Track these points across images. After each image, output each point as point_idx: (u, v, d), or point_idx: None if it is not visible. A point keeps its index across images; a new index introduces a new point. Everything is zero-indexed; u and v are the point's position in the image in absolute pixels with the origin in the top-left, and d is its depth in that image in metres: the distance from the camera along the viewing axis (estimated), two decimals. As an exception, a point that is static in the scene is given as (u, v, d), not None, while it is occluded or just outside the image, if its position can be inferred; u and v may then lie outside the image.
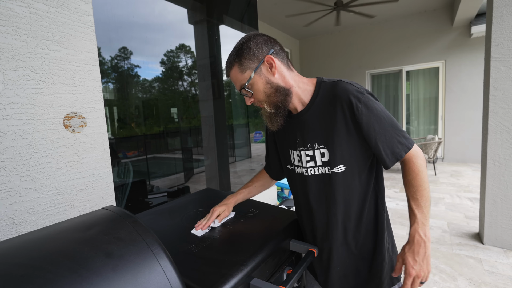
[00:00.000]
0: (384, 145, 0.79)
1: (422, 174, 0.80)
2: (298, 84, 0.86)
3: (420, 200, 0.80)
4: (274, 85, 0.82)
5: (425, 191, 0.80)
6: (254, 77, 0.82)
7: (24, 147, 0.98)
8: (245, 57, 0.81)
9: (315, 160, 0.86)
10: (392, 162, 0.81)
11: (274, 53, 0.82)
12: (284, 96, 0.83)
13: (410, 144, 0.81)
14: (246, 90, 0.84)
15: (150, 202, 2.13)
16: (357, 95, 0.78)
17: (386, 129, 0.79)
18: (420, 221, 0.79)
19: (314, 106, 0.85)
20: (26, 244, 0.55)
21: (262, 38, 0.83)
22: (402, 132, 0.81)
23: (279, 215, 1.07)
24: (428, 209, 0.80)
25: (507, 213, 2.38)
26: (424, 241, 0.78)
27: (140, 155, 2.18)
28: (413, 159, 0.81)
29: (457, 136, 5.80)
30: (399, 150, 0.80)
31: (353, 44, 6.65)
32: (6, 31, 0.93)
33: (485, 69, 2.47)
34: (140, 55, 2.04)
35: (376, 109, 0.79)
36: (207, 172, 2.72)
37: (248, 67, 0.81)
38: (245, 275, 0.72)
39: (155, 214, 1.14)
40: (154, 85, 2.24)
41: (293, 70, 0.87)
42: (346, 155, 0.83)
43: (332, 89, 0.82)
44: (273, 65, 0.81)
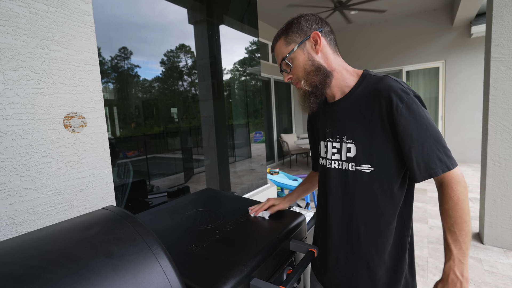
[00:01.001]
0: (418, 156, 0.71)
1: (462, 204, 0.70)
2: (342, 70, 0.82)
3: (458, 234, 0.70)
4: (315, 63, 0.79)
5: (465, 223, 0.70)
6: (297, 50, 0.80)
7: (24, 147, 0.98)
8: (293, 30, 0.80)
9: (341, 153, 0.82)
10: (423, 178, 0.72)
11: (322, 32, 0.80)
12: (324, 77, 0.79)
13: (451, 165, 0.71)
14: (286, 62, 0.81)
15: (150, 202, 2.13)
16: (401, 94, 0.71)
17: (426, 139, 0.70)
18: (457, 259, 0.70)
19: (352, 97, 0.80)
20: (26, 244, 0.55)
21: (314, 17, 0.82)
22: (446, 149, 0.71)
23: (279, 215, 1.07)
24: (467, 245, 0.71)
25: (507, 213, 2.38)
26: (461, 281, 0.70)
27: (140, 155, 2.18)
28: (453, 184, 0.71)
29: (457, 136, 5.81)
30: (436, 167, 0.70)
31: (353, 44, 6.65)
32: (6, 31, 0.93)
33: (485, 69, 2.47)
34: (140, 55, 2.04)
35: (420, 114, 0.71)
36: (207, 172, 2.72)
37: (293, 40, 0.80)
38: (245, 275, 0.72)
39: (155, 214, 1.14)
40: (154, 85, 2.24)
41: (339, 56, 0.84)
42: (375, 156, 0.76)
43: (376, 83, 0.76)
44: (318, 42, 0.78)
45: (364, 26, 6.42)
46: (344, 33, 6.72)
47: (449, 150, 0.72)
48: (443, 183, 0.73)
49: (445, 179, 0.72)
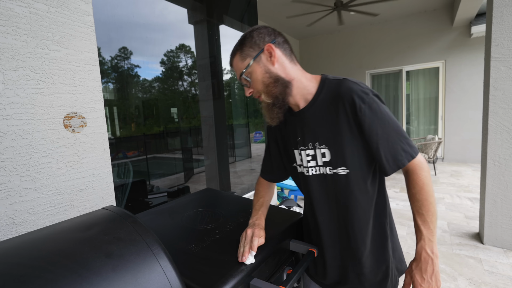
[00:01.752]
0: (385, 151, 0.75)
1: (427, 187, 0.76)
2: (301, 78, 0.83)
3: (426, 216, 0.76)
4: (273, 74, 0.80)
5: (431, 205, 0.76)
6: (253, 65, 0.80)
7: (24, 147, 0.98)
8: (246, 45, 0.81)
9: (316, 159, 0.84)
10: (393, 170, 0.77)
11: (276, 43, 0.81)
12: (283, 87, 0.80)
13: (414, 153, 0.76)
14: (245, 78, 0.82)
15: (150, 202, 2.13)
16: (361, 95, 0.75)
17: (390, 134, 0.75)
18: (426, 238, 0.76)
19: (316, 104, 0.82)
20: (26, 244, 0.55)
21: (266, 29, 0.82)
22: (407, 140, 0.77)
23: (279, 215, 1.07)
24: (434, 224, 0.77)
25: (507, 213, 2.38)
26: (432, 258, 0.75)
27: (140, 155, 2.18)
28: (418, 171, 0.77)
29: (457, 136, 5.81)
30: (402, 158, 0.75)
31: (353, 44, 6.65)
32: (6, 31, 0.93)
33: (485, 69, 2.47)
34: (140, 55, 2.04)
35: (381, 112, 0.75)
36: (207, 172, 2.72)
37: (248, 55, 0.81)
38: (245, 275, 0.72)
39: (155, 214, 1.14)
40: (154, 85, 2.24)
41: (296, 64, 0.85)
42: (348, 157, 0.79)
43: (336, 87, 0.79)
44: (273, 54, 0.79)
45: (364, 26, 6.43)
46: (344, 33, 6.72)
47: (410, 139, 0.77)
48: (408, 171, 0.78)
49: (410, 166, 0.77)
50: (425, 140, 5.62)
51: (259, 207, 0.96)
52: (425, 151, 5.17)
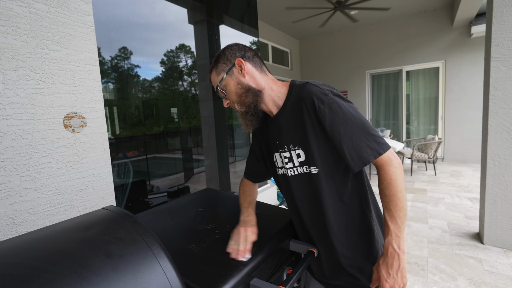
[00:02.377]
0: (350, 148, 0.77)
1: (395, 183, 0.77)
2: (271, 87, 0.90)
3: (393, 211, 0.77)
4: (244, 85, 0.87)
5: (399, 201, 0.77)
6: (226, 78, 0.88)
7: (24, 147, 0.98)
8: (220, 61, 0.90)
9: (292, 161, 0.89)
10: (359, 166, 0.79)
11: (246, 57, 0.89)
12: (254, 96, 0.87)
13: (382, 150, 0.77)
14: (220, 90, 0.90)
15: (150, 202, 2.13)
16: (320, 97, 0.78)
17: (353, 132, 0.77)
18: (394, 233, 0.77)
19: (286, 109, 0.87)
20: (26, 244, 0.55)
21: (237, 46, 0.91)
22: (374, 136, 0.78)
23: (279, 215, 1.07)
24: (403, 220, 0.77)
25: (507, 213, 2.38)
26: (398, 253, 0.76)
27: (140, 155, 2.18)
28: (385, 167, 0.78)
29: (457, 136, 5.81)
30: (367, 155, 0.77)
31: (353, 44, 6.65)
32: (6, 31, 0.93)
33: (485, 69, 2.47)
34: (140, 55, 2.04)
35: (342, 111, 0.78)
36: (207, 172, 2.72)
37: (222, 70, 0.89)
38: (245, 275, 0.72)
39: (155, 214, 1.14)
40: (154, 85, 2.24)
41: (267, 74, 0.92)
42: (317, 157, 0.83)
43: (300, 91, 0.84)
44: (243, 67, 0.87)
45: (364, 26, 6.42)
46: (344, 33, 6.72)
47: (378, 136, 0.79)
48: (378, 167, 0.80)
49: (379, 163, 0.79)
50: (425, 140, 5.62)
51: (248, 204, 1.02)
52: (425, 151, 5.17)
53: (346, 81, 6.82)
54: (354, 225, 0.89)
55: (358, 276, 0.90)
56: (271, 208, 1.15)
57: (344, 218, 0.88)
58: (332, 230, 0.88)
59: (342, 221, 0.88)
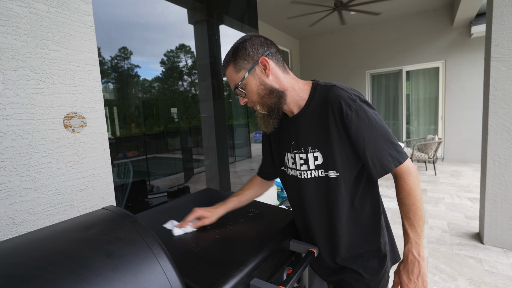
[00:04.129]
0: (373, 156, 0.77)
1: (414, 192, 0.78)
2: (294, 87, 0.85)
3: (413, 220, 0.79)
4: (268, 86, 0.82)
5: (418, 209, 0.79)
6: (248, 77, 0.82)
7: (24, 147, 0.98)
8: (240, 57, 0.81)
9: (308, 163, 0.86)
10: (380, 174, 0.79)
11: (269, 55, 0.82)
12: (278, 98, 0.82)
13: (402, 159, 0.78)
14: (240, 90, 0.84)
15: (150, 202, 2.13)
16: (349, 102, 0.77)
17: (377, 140, 0.77)
18: (413, 241, 0.79)
19: (309, 110, 0.84)
20: (26, 244, 0.55)
21: (258, 39, 0.83)
22: (396, 145, 0.78)
23: (279, 215, 1.07)
24: (421, 228, 0.79)
25: (507, 213, 2.38)
26: (418, 260, 0.79)
27: (140, 155, 2.18)
28: (405, 176, 0.79)
29: (457, 136, 5.80)
30: (389, 163, 0.77)
31: (353, 44, 6.65)
32: (6, 31, 0.93)
33: (485, 69, 2.47)
34: (140, 55, 2.04)
35: (368, 118, 0.77)
36: (207, 172, 2.72)
37: (243, 67, 0.82)
38: (245, 275, 0.72)
39: (155, 214, 1.14)
40: (154, 85, 2.24)
41: (289, 72, 0.87)
42: (338, 161, 0.82)
43: (326, 93, 0.81)
44: (267, 67, 0.81)
45: (364, 26, 6.42)
46: (344, 33, 6.72)
47: (398, 145, 0.79)
48: (397, 176, 0.80)
49: (398, 172, 0.79)
50: (425, 140, 5.62)
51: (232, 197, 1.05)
52: (425, 151, 5.17)
53: (346, 81, 6.82)
54: (364, 226, 0.89)
55: (362, 272, 0.91)
56: (271, 208, 1.15)
57: (355, 220, 0.88)
58: (341, 233, 0.88)
59: (352, 223, 0.88)
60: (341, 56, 6.84)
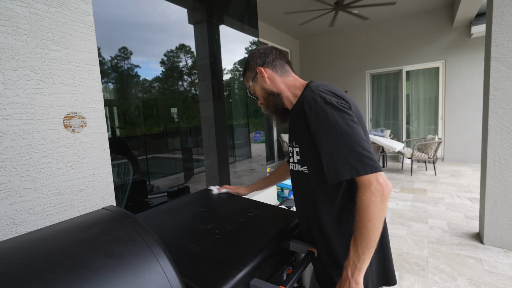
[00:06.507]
0: (328, 160, 0.74)
1: (365, 210, 0.70)
2: (290, 88, 0.96)
3: (358, 238, 0.72)
4: (267, 90, 0.97)
5: (365, 229, 0.70)
6: (253, 84, 1.00)
7: (24, 147, 0.98)
8: (246, 69, 1.01)
9: (294, 156, 0.94)
10: (332, 179, 0.74)
11: (266, 63, 0.96)
12: (275, 99, 0.96)
13: (363, 171, 0.70)
14: (250, 94, 1.03)
15: (150, 202, 2.13)
16: (310, 102, 0.81)
17: (336, 144, 0.73)
18: (351, 260, 0.74)
19: (294, 108, 0.93)
20: (26, 244, 0.55)
21: (258, 52, 0.98)
22: (359, 154, 0.71)
23: (279, 215, 1.07)
24: (364, 250, 0.71)
25: (507, 213, 2.38)
26: (350, 282, 0.73)
27: (140, 155, 2.18)
28: (361, 189, 0.71)
29: (457, 136, 5.80)
30: (343, 171, 0.72)
31: (353, 44, 6.65)
32: (6, 31, 0.93)
33: (485, 69, 2.47)
34: (140, 55, 2.04)
35: (328, 121, 0.75)
36: (207, 172, 2.72)
37: (250, 77, 1.00)
38: (245, 275, 0.72)
39: (155, 214, 1.14)
40: (154, 85, 2.24)
41: (289, 75, 0.98)
42: (307, 158, 0.87)
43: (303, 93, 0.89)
44: (263, 75, 0.95)
45: (364, 26, 6.42)
46: (344, 33, 6.72)
47: (365, 156, 0.71)
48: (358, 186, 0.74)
49: (358, 183, 0.73)
50: (425, 140, 5.62)
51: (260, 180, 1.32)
52: (425, 151, 5.17)
53: (346, 81, 6.82)
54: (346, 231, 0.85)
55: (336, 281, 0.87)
56: (271, 208, 1.15)
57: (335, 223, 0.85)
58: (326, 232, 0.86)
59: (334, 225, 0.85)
60: (341, 56, 6.84)
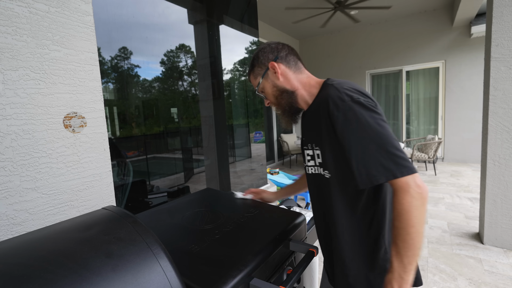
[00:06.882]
0: (358, 162, 0.69)
1: (407, 215, 0.65)
2: (305, 86, 0.89)
3: (401, 247, 0.66)
4: (279, 88, 0.89)
5: (409, 236, 0.65)
6: (263, 82, 0.91)
7: (24, 147, 0.98)
8: (255, 65, 0.92)
9: (314, 159, 0.88)
10: (365, 184, 0.69)
11: (279, 58, 0.88)
12: (289, 97, 0.88)
13: (399, 173, 0.65)
14: (258, 93, 0.94)
15: (150, 202, 2.13)
16: (336, 102, 0.73)
17: (367, 146, 0.68)
18: (396, 272, 0.67)
19: (311, 107, 0.86)
20: (26, 244, 0.55)
21: (269, 47, 0.90)
22: (394, 156, 0.66)
23: (279, 215, 1.07)
24: (410, 260, 0.66)
25: (507, 213, 2.38)
26: None
27: (140, 155, 2.18)
28: (399, 193, 0.66)
29: (457, 136, 5.80)
30: (377, 174, 0.66)
31: (353, 44, 6.65)
32: (6, 31, 0.93)
33: (485, 69, 2.47)
34: (140, 55, 2.04)
35: (358, 120, 0.69)
36: (207, 172, 2.72)
37: (258, 73, 0.92)
38: (245, 275, 0.72)
39: (155, 214, 1.14)
40: (154, 85, 2.24)
41: (302, 72, 0.91)
42: (329, 162, 0.80)
43: (324, 92, 0.81)
44: (276, 70, 0.87)
45: (364, 26, 6.42)
46: (344, 33, 6.72)
47: (400, 157, 0.67)
48: (393, 191, 0.69)
49: (393, 187, 0.68)
50: (425, 140, 5.62)
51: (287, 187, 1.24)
52: (425, 151, 5.17)
53: (346, 81, 6.81)
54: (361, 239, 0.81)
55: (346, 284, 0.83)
56: (271, 208, 1.15)
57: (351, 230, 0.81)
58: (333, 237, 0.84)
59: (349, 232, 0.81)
60: (341, 56, 6.84)
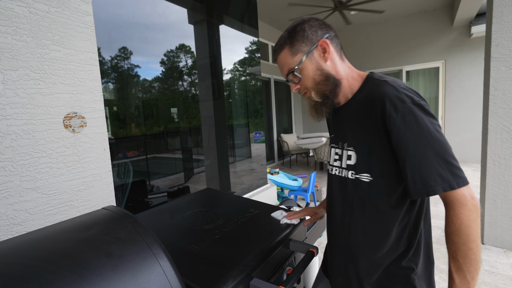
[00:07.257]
0: (414, 171, 0.63)
1: (467, 230, 0.61)
2: (348, 77, 0.78)
3: (462, 263, 0.63)
4: (324, 72, 0.76)
5: (470, 251, 0.62)
6: (305, 61, 0.75)
7: (24, 147, 0.98)
8: (298, 39, 0.75)
9: (341, 160, 0.79)
10: (419, 194, 0.64)
11: (329, 38, 0.76)
12: (333, 86, 0.76)
13: (456, 184, 0.61)
14: (295, 74, 0.77)
15: (150, 202, 2.13)
16: (395, 102, 0.64)
17: (425, 153, 0.62)
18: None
19: (353, 103, 0.77)
20: (26, 244, 0.55)
21: (317, 21, 0.77)
22: (452, 166, 0.62)
23: (279, 215, 1.07)
24: (473, 275, 0.63)
25: (507, 213, 2.38)
26: None
27: (140, 155, 2.18)
28: (456, 207, 0.62)
29: (457, 136, 5.80)
30: (435, 184, 0.62)
31: (353, 44, 6.65)
32: (6, 31, 0.93)
33: (485, 69, 2.47)
34: (140, 55, 2.04)
35: (418, 125, 0.63)
36: (207, 172, 2.72)
37: (300, 50, 0.76)
38: (245, 275, 0.72)
39: (155, 214, 1.14)
40: (154, 85, 2.24)
41: (345, 60, 0.80)
42: (373, 165, 0.71)
43: (375, 89, 0.71)
44: (327, 50, 0.75)
45: (364, 26, 6.43)
46: (344, 33, 6.72)
47: (456, 167, 0.63)
48: (447, 204, 0.65)
49: (448, 199, 0.64)
50: (425, 140, 5.62)
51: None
52: (425, 151, 5.17)
53: (346, 81, 6.82)
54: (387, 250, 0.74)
55: None
56: (272, 208, 1.15)
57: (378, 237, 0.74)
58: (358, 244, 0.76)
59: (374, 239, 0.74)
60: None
